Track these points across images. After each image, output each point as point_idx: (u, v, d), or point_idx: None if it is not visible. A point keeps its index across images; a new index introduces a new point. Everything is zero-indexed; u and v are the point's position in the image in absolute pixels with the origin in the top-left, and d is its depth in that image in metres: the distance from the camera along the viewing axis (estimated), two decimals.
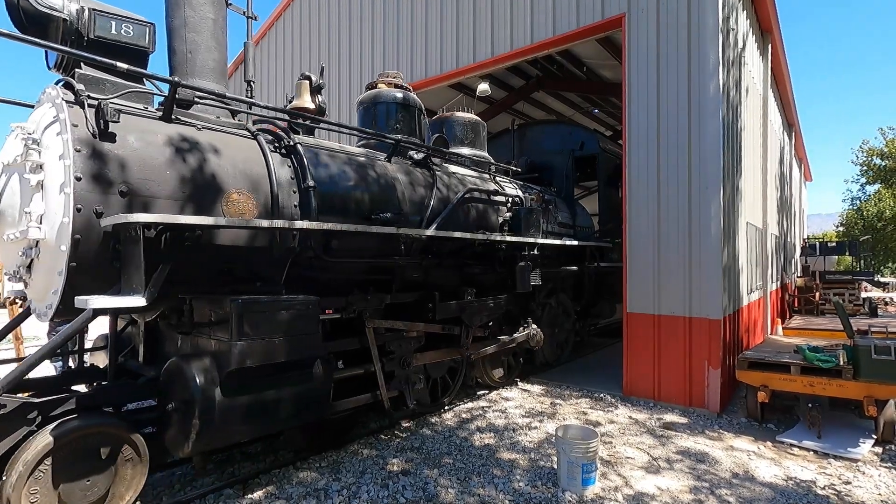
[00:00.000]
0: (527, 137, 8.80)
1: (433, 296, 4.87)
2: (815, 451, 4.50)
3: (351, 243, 4.12)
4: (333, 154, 4.29)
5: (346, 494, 3.59)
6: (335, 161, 4.23)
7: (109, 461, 2.90)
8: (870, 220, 28.53)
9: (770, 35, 8.53)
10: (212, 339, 3.17)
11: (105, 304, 2.72)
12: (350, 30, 9.61)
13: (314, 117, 4.52)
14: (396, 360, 4.62)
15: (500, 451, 4.42)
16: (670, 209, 5.86)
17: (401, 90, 5.56)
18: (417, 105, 5.61)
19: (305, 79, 4.79)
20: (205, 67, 3.82)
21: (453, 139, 6.41)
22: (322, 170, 4.03)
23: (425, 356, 4.97)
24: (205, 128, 3.53)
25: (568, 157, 8.18)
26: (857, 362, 4.65)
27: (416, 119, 5.59)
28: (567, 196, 8.02)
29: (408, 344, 4.75)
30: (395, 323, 4.60)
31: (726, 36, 5.89)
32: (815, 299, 12.40)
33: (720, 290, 5.53)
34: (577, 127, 8.76)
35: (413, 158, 5.16)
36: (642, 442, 4.68)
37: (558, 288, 7.28)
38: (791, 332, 7.87)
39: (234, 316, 2.97)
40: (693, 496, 3.64)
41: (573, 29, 6.66)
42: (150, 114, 3.34)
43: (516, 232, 5.82)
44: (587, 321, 8.34)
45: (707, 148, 5.59)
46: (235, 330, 2.97)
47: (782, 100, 11.83)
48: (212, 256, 3.34)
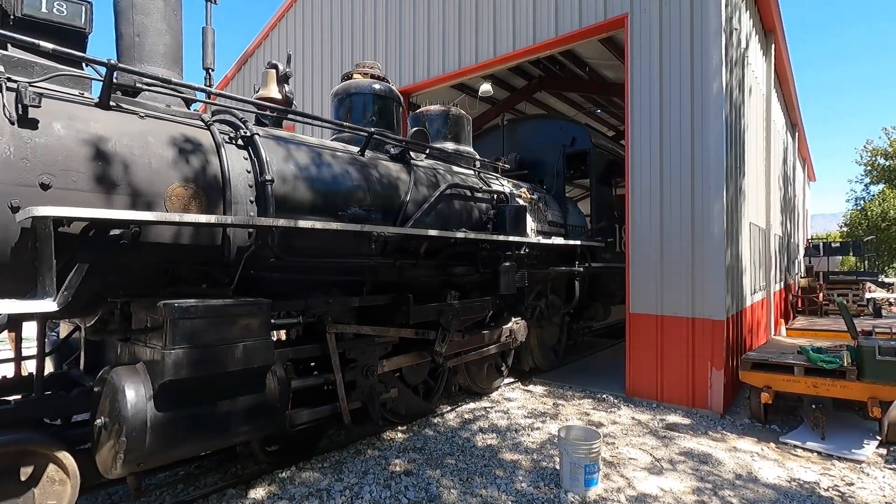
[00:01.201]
0: (517, 133, 8.49)
1: (407, 298, 4.55)
2: (819, 453, 4.48)
3: (315, 242, 3.80)
4: (298, 146, 3.99)
5: (348, 495, 3.59)
6: (299, 154, 3.92)
7: (31, 483, 2.66)
8: (874, 221, 28.40)
9: (773, 35, 8.51)
10: (147, 347, 2.90)
11: (8, 310, 2.41)
12: (353, 30, 9.62)
13: (279, 108, 4.18)
14: (358, 368, 4.25)
15: (503, 452, 4.42)
16: (673, 209, 5.85)
17: (378, 81, 5.26)
18: (395, 97, 5.33)
19: (272, 67, 4.47)
20: (154, 52, 3.53)
21: (436, 134, 6.14)
22: (283, 163, 3.73)
23: (391, 362, 4.62)
24: (148, 116, 3.23)
25: (559, 154, 7.88)
26: (862, 363, 4.63)
27: (394, 112, 5.30)
28: (558, 194, 7.74)
29: (371, 351, 4.36)
30: (362, 328, 4.29)
31: (729, 36, 5.87)
32: (818, 300, 12.34)
33: (723, 291, 5.51)
34: (567, 122, 8.41)
35: (389, 153, 4.88)
36: (645, 443, 4.67)
37: (548, 290, 7.03)
38: (795, 333, 7.85)
39: (168, 322, 2.70)
40: (696, 497, 3.63)
41: (575, 29, 6.66)
42: (85, 100, 3.03)
43: (501, 230, 5.50)
44: (580, 324, 8.12)
45: (710, 148, 5.58)
46: (169, 337, 2.70)
47: (785, 99, 11.79)
48: (151, 256, 3.07)
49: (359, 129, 4.55)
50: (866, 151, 28.68)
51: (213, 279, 3.38)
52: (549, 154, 7.95)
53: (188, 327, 2.76)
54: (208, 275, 3.36)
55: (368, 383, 4.32)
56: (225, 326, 2.92)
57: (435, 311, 4.81)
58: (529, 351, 6.90)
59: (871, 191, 30.39)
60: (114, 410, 2.69)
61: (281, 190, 3.61)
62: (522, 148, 8.09)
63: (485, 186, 5.77)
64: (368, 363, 4.33)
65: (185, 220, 2.92)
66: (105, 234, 2.75)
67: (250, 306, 3.06)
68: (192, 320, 2.78)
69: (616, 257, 8.01)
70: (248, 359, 3.00)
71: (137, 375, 2.76)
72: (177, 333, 2.72)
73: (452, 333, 5.00)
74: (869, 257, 22.75)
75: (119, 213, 2.68)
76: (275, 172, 3.58)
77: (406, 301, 4.55)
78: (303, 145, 4.04)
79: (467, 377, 5.88)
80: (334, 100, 5.29)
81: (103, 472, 2.79)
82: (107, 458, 2.73)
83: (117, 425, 2.66)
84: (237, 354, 2.95)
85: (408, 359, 4.86)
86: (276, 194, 3.54)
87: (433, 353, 4.98)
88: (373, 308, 4.51)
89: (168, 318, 2.71)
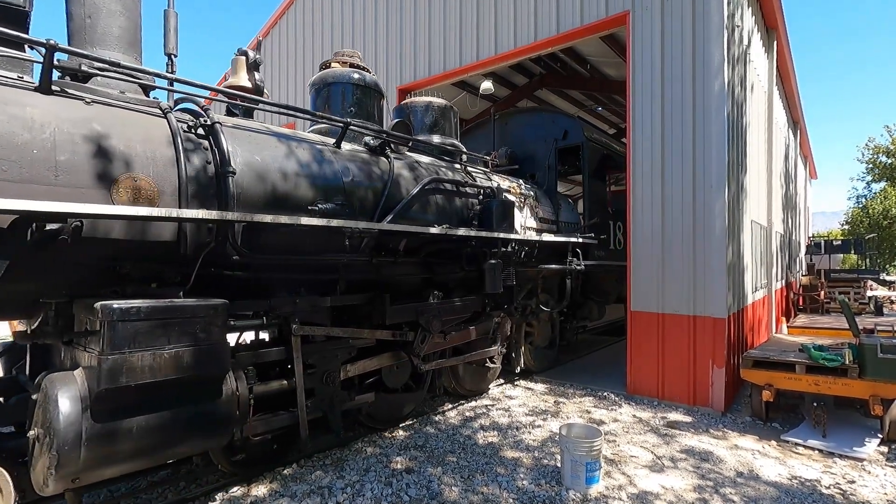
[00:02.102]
0: (508, 127, 8.17)
1: (383, 297, 4.32)
2: (820, 451, 4.48)
3: (282, 238, 3.57)
4: (266, 137, 3.76)
5: (350, 492, 3.60)
6: (267, 145, 3.68)
7: None
8: (875, 218, 28.34)
9: (775, 32, 8.48)
10: (86, 352, 2.67)
11: None
12: (353, 28, 9.61)
13: (247, 96, 3.92)
14: (317, 374, 3.93)
15: (504, 450, 4.42)
16: (675, 207, 5.84)
17: (357, 70, 5.01)
18: (376, 87, 5.09)
19: (241, 55, 4.21)
20: (108, 35, 3.30)
21: (420, 126, 5.93)
22: (249, 154, 3.48)
23: (357, 366, 4.28)
24: (96, 102, 2.98)
25: (550, 148, 7.59)
26: (863, 361, 4.63)
27: (375, 103, 5.04)
28: (549, 189, 7.46)
29: (332, 355, 4.04)
30: (332, 329, 4.02)
31: (731, 33, 5.85)
32: (820, 298, 12.35)
33: (725, 289, 5.51)
34: (560, 115, 8.06)
35: (368, 145, 4.64)
36: (646, 441, 4.67)
37: (538, 288, 6.78)
38: (796, 331, 7.84)
39: (105, 325, 2.47)
40: (697, 495, 3.64)
41: (577, 26, 6.65)
42: (23, 83, 2.81)
43: (487, 226, 5.23)
44: (573, 324, 7.89)
45: (712, 145, 5.57)
46: (106, 341, 2.47)
47: (787, 97, 11.76)
48: (96, 253, 2.84)
49: (333, 120, 4.32)
50: (868, 149, 28.60)
51: (165, 278, 3.14)
52: (540, 148, 7.71)
53: (128, 330, 2.53)
54: (160, 273, 3.13)
55: (329, 391, 3.99)
56: (172, 329, 2.68)
57: (414, 311, 4.59)
58: (520, 352, 6.68)
59: (872, 188, 30.34)
60: (46, 421, 2.47)
61: (245, 183, 3.38)
62: (514, 142, 7.84)
63: (471, 181, 5.55)
64: (329, 368, 4.01)
65: (130, 213, 2.66)
66: (40, 228, 2.51)
67: (202, 307, 2.81)
68: (133, 323, 2.55)
69: (610, 255, 7.81)
70: (199, 365, 2.77)
71: (73, 383, 2.52)
72: (114, 337, 2.49)
73: (433, 335, 4.77)
74: (870, 255, 22.70)
75: (54, 206, 2.42)
76: (239, 164, 3.36)
77: (382, 301, 4.32)
78: (272, 136, 3.82)
79: (452, 379, 5.68)
80: (311, 90, 5.06)
81: (36, 488, 2.55)
82: (39, 473, 2.50)
83: (49, 438, 2.44)
84: (186, 360, 2.71)
85: (377, 362, 4.50)
86: (241, 187, 3.33)
87: (412, 356, 4.74)
88: (348, 309, 4.29)
89: (105, 320, 2.48)
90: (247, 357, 3.54)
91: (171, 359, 2.67)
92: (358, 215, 4.09)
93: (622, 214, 8.07)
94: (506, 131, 8.09)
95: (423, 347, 4.73)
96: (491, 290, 5.10)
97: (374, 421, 4.79)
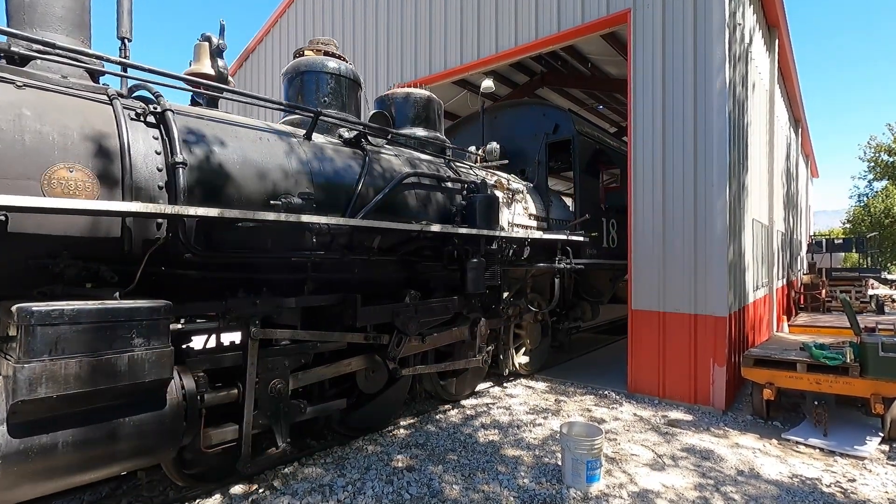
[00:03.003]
0: (497, 121, 7.88)
1: (354, 298, 4.01)
2: (821, 449, 4.48)
3: (243, 235, 3.33)
4: (225, 126, 3.50)
5: (350, 490, 3.60)
6: (227, 135, 3.44)
7: None
8: (877, 217, 28.31)
9: (777, 30, 8.46)
10: (5, 360, 2.42)
11: None
12: (354, 26, 9.60)
13: (211, 83, 3.67)
14: (262, 384, 3.54)
15: (505, 448, 4.42)
16: (676, 205, 5.84)
17: (333, 59, 4.74)
18: (353, 77, 4.82)
19: (205, 40, 3.97)
20: (49, 15, 3.07)
21: (403, 119, 5.67)
22: (204, 144, 3.25)
23: (311, 374, 3.93)
24: (29, 86, 2.75)
25: (541, 142, 7.31)
26: (865, 360, 4.62)
27: (351, 93, 4.79)
28: (540, 185, 7.18)
29: (279, 362, 3.65)
30: (297, 333, 3.77)
31: (733, 31, 5.84)
32: (821, 296, 12.33)
33: (726, 287, 5.50)
34: (550, 108, 7.72)
35: (343, 137, 4.42)
36: (647, 439, 4.67)
37: (527, 288, 6.57)
38: (797, 330, 7.83)
39: (23, 329, 2.24)
40: (698, 493, 3.64)
41: (578, 25, 6.63)
42: None
43: (471, 223, 4.97)
44: (565, 324, 7.58)
45: (713, 144, 5.56)
46: (24, 348, 2.23)
47: (789, 95, 11.74)
48: (24, 249, 2.60)
49: (303, 109, 4.12)
50: (870, 147, 28.55)
51: (104, 277, 2.88)
52: (530, 143, 7.44)
53: (49, 336, 2.28)
54: (98, 273, 2.87)
55: (275, 402, 3.60)
56: (103, 334, 2.43)
57: (388, 312, 4.30)
58: (508, 354, 6.42)
59: (874, 187, 30.30)
60: None
61: (201, 175, 3.17)
62: (503, 137, 7.47)
63: (454, 175, 5.30)
64: (274, 377, 3.61)
65: (57, 206, 2.41)
66: None
67: (140, 309, 2.56)
68: (56, 327, 2.30)
69: (603, 253, 7.61)
70: (136, 373, 2.52)
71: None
72: (33, 343, 2.25)
73: (409, 338, 4.51)
74: (872, 254, 22.66)
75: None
76: (193, 154, 3.14)
77: (352, 301, 4.02)
78: (233, 125, 3.59)
79: (433, 383, 5.42)
80: (284, 80, 4.82)
81: None
82: None
83: None
84: (120, 368, 2.47)
85: (333, 369, 4.13)
86: (196, 179, 3.12)
87: (387, 360, 4.48)
88: (318, 310, 4.04)
89: (22, 324, 2.24)
90: (199, 362, 3.27)
91: (102, 366, 2.42)
92: (328, 211, 3.82)
93: (616, 211, 8.00)
94: (495, 125, 7.82)
95: (398, 351, 4.47)
96: (473, 290, 4.85)
97: (348, 429, 4.55)
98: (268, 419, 3.57)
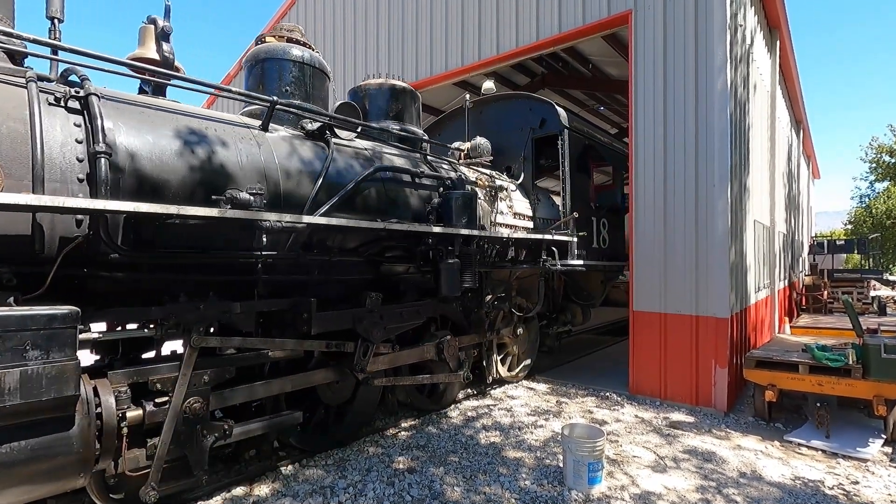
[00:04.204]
0: (483, 116, 7.48)
1: (308, 302, 3.63)
2: (824, 451, 4.47)
3: (179, 233, 3.06)
4: (163, 114, 3.19)
5: (352, 492, 3.60)
6: (164, 123, 3.13)
7: None
8: (879, 218, 28.30)
9: (778, 31, 8.46)
10: None
11: None
12: (356, 27, 9.61)
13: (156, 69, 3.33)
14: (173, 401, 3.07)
15: (506, 450, 4.42)
16: (677, 207, 5.83)
17: (298, 46, 4.43)
18: (319, 66, 4.50)
19: (150, 23, 3.69)
20: None
21: (377, 111, 5.34)
22: (137, 132, 2.95)
23: (236, 394, 3.41)
24: None
25: (527, 137, 6.95)
26: (867, 361, 4.61)
27: (317, 83, 4.48)
28: (526, 183, 6.86)
29: (198, 378, 3.16)
30: (246, 340, 3.42)
31: (734, 32, 5.84)
32: (823, 298, 12.31)
33: (727, 289, 5.49)
34: (537, 101, 7.24)
35: (305, 129, 4.15)
36: (649, 441, 4.66)
37: (512, 291, 6.20)
38: (799, 331, 7.82)
39: None
40: (700, 495, 3.63)
41: (579, 26, 6.64)
42: None
43: (446, 222, 4.68)
44: (554, 329, 7.30)
45: (714, 145, 5.56)
46: None
47: (790, 96, 11.73)
48: None
49: (257, 98, 3.83)
50: (872, 148, 28.53)
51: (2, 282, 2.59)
52: (516, 138, 7.07)
53: None
54: None
55: (189, 423, 3.10)
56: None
57: (349, 317, 3.96)
58: (492, 360, 6.07)
59: (876, 188, 30.29)
60: None
61: (132, 166, 2.87)
62: (489, 132, 7.09)
63: (431, 172, 5.01)
64: (191, 395, 3.12)
65: None
66: None
67: (37, 317, 2.24)
68: None
69: (593, 254, 7.25)
70: (29, 390, 2.20)
71: None
72: None
73: (376, 346, 4.17)
74: (874, 255, 22.64)
75: None
76: (122, 144, 2.85)
77: (307, 305, 3.64)
78: (174, 113, 3.30)
79: (407, 393, 5.10)
80: (244, 68, 4.53)
81: None
82: None
83: None
84: (8, 385, 2.16)
85: (267, 388, 3.60)
86: (126, 171, 2.83)
87: (353, 371, 4.09)
88: (275, 316, 3.71)
89: None
90: (124, 375, 2.89)
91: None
92: (284, 208, 3.55)
93: (607, 211, 7.80)
94: (481, 121, 7.43)
95: (365, 361, 4.08)
96: (447, 293, 4.56)
97: (306, 444, 4.17)
98: (179, 444, 3.04)
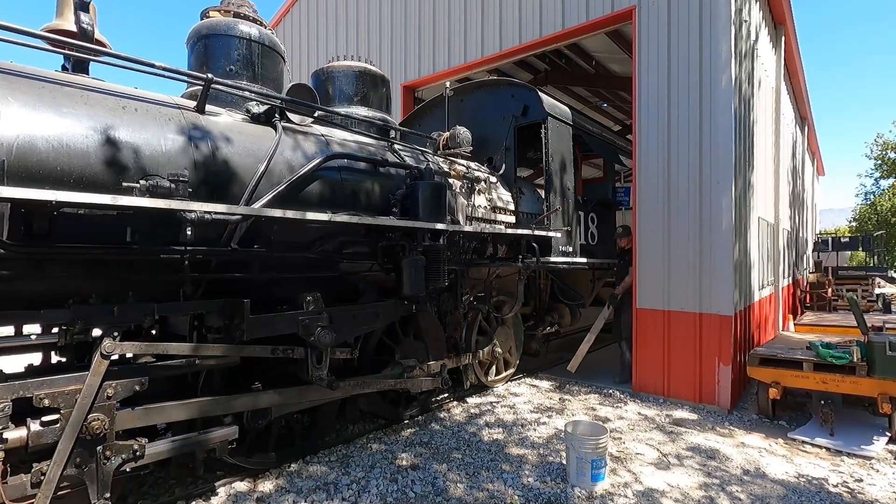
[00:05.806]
0: (464, 105, 7.06)
1: (241, 304, 3.21)
2: (828, 449, 4.45)
3: (83, 225, 2.70)
4: (67, 90, 2.83)
5: (355, 488, 3.60)
6: (70, 100, 2.78)
7: None
8: (884, 215, 28.18)
9: (783, 27, 8.41)
10: None
11: None
12: (357, 24, 9.60)
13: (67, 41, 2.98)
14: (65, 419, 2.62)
15: (509, 447, 4.42)
16: (681, 204, 5.81)
17: (246, 22, 4.03)
18: (269, 44, 4.10)
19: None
20: None
21: (342, 95, 5.02)
22: (30, 110, 2.61)
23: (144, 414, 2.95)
24: None
25: (508, 126, 6.51)
26: (872, 359, 4.59)
27: (268, 64, 4.10)
28: (507, 174, 6.42)
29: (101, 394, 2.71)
30: (169, 346, 3.02)
31: (739, 28, 5.80)
32: (827, 295, 12.26)
33: (731, 286, 5.47)
34: (520, 88, 6.77)
35: (251, 112, 3.79)
36: (652, 438, 4.66)
37: (492, 290, 5.95)
38: (803, 329, 7.79)
39: None
40: (703, 493, 3.62)
41: (582, 22, 6.61)
42: None
43: (412, 215, 4.32)
44: (540, 330, 6.93)
45: (718, 142, 5.53)
46: None
47: (795, 93, 11.67)
48: None
49: (185, 75, 3.44)
50: (877, 145, 28.37)
51: None
52: (498, 127, 6.62)
53: None
54: None
55: (87, 445, 2.67)
56: None
57: (291, 321, 3.51)
58: (469, 366, 5.68)
59: (881, 185, 30.13)
60: None
61: (23, 149, 2.53)
62: (470, 122, 6.59)
63: (397, 160, 4.69)
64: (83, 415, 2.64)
65: None
66: None
67: None
68: None
69: (581, 251, 6.90)
70: None
71: None
72: None
73: (328, 352, 3.76)
74: (878, 252, 22.54)
75: None
76: (14, 123, 2.52)
77: (239, 308, 3.22)
78: (85, 90, 2.91)
79: (370, 402, 4.71)
80: (187, 45, 4.11)
81: None
82: None
83: None
84: None
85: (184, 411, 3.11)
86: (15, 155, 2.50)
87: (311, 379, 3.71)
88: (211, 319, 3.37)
89: None
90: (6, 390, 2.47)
91: None
92: (217, 197, 3.19)
93: (597, 205, 7.53)
94: (462, 109, 7.00)
95: (321, 368, 3.71)
96: (410, 293, 4.18)
97: (249, 462, 3.73)
98: (76, 468, 2.62)
